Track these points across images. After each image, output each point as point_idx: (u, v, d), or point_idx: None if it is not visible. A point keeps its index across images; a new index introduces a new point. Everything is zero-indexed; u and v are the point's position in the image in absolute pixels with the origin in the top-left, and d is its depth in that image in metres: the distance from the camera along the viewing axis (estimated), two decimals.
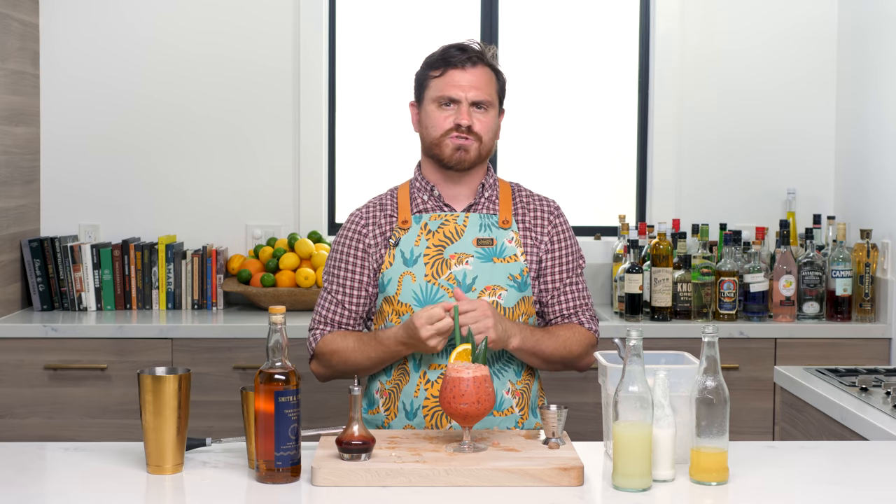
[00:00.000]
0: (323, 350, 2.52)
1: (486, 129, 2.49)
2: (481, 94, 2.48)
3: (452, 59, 2.48)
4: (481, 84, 2.48)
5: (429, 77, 2.51)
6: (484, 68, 2.50)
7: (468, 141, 2.47)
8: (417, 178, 2.58)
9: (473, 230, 2.52)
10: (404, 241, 2.51)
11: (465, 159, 2.49)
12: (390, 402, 2.49)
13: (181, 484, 1.97)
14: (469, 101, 2.47)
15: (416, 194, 2.56)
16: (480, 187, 2.56)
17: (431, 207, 2.55)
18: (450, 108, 2.48)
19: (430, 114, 2.50)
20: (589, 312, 2.59)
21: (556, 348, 2.48)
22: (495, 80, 2.53)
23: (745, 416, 3.68)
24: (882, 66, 3.88)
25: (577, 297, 2.57)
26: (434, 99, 2.49)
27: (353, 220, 2.59)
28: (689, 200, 4.27)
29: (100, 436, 3.61)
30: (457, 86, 2.47)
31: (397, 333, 2.40)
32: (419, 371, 2.46)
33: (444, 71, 2.48)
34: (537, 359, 2.48)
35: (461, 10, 4.37)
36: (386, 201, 2.59)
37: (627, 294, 3.83)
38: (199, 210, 4.21)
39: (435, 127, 2.49)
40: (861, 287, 3.82)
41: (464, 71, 2.47)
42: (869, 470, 2.10)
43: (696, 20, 4.26)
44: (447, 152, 2.48)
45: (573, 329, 2.54)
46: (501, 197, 2.57)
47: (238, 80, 4.20)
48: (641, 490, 1.92)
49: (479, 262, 2.48)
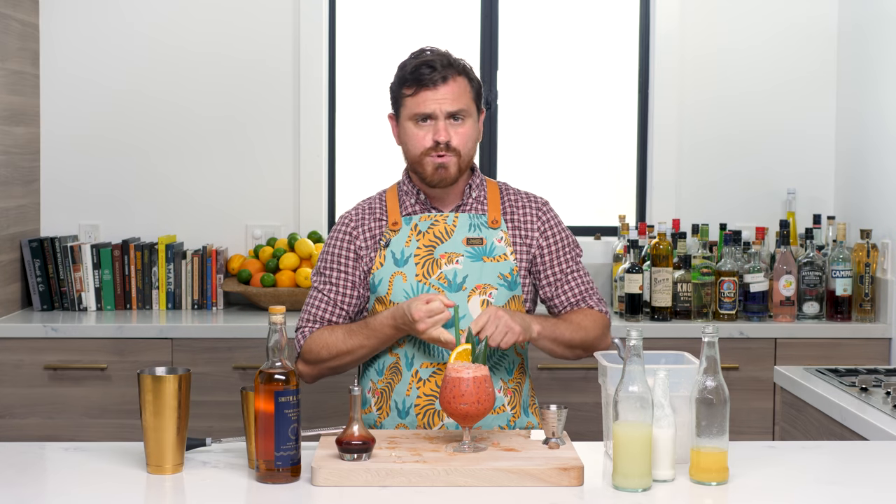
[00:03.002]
0: (311, 345, 2.51)
1: (464, 142, 2.49)
2: (456, 104, 2.47)
3: (423, 77, 2.46)
4: (456, 96, 2.47)
5: (403, 95, 2.51)
6: (455, 80, 2.48)
7: (446, 158, 2.47)
8: (405, 182, 2.60)
9: (463, 230, 2.53)
10: (395, 241, 2.52)
11: (446, 177, 2.50)
12: (382, 401, 2.49)
13: (181, 484, 1.97)
14: (445, 115, 2.47)
15: (403, 198, 2.58)
16: (468, 188, 2.58)
17: (420, 210, 2.56)
18: (427, 124, 2.48)
19: (407, 131, 2.51)
20: (596, 296, 2.60)
21: (574, 331, 2.48)
22: (469, 88, 2.51)
23: (745, 416, 3.68)
24: (882, 66, 3.88)
25: (582, 284, 2.59)
26: (410, 117, 2.49)
27: (343, 221, 2.60)
28: (689, 200, 4.27)
29: (100, 436, 3.61)
30: (430, 101, 2.46)
31: (388, 317, 2.40)
32: (411, 370, 2.47)
33: (416, 90, 2.47)
34: (559, 345, 2.48)
35: (461, 10, 4.37)
36: (375, 204, 2.60)
37: (627, 294, 3.83)
38: (199, 210, 4.21)
39: (414, 145, 2.50)
40: (861, 287, 3.82)
41: (435, 89, 2.46)
42: (869, 470, 2.10)
43: (696, 20, 4.26)
44: (428, 171, 2.49)
45: (584, 312, 2.55)
46: (490, 197, 2.58)
47: (238, 80, 4.20)
48: (641, 490, 1.92)
49: (470, 261, 2.49)
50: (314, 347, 2.51)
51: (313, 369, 2.54)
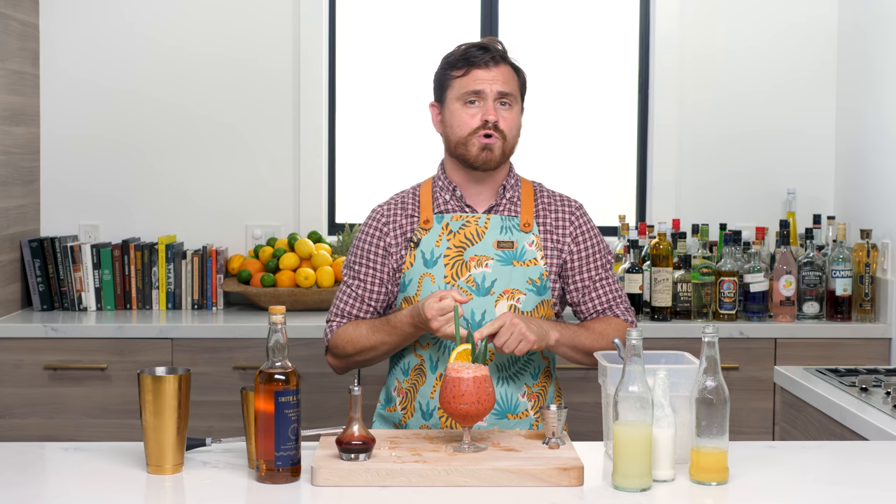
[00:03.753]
0: (337, 340, 2.54)
1: (510, 126, 2.50)
2: (507, 86, 2.49)
3: (475, 58, 2.48)
4: (506, 79, 2.50)
5: (450, 77, 2.50)
6: (506, 66, 2.51)
7: (493, 140, 2.47)
8: (440, 177, 2.58)
9: (494, 232, 2.52)
10: (425, 241, 2.51)
11: (491, 159, 2.49)
12: (407, 401, 2.50)
13: (181, 484, 1.97)
14: (495, 94, 2.47)
15: (437, 193, 2.57)
16: (502, 188, 2.56)
17: (453, 208, 2.55)
18: (475, 106, 2.48)
19: (454, 112, 2.50)
20: (624, 305, 2.59)
21: (595, 340, 2.48)
22: (517, 78, 2.54)
23: (745, 416, 3.68)
24: (882, 66, 3.88)
25: (610, 292, 2.58)
26: (458, 97, 2.49)
27: (374, 216, 2.59)
28: (689, 200, 4.27)
29: (100, 436, 3.61)
30: (482, 80, 2.47)
31: (407, 315, 2.41)
32: (435, 373, 2.47)
33: (467, 70, 2.48)
34: (578, 353, 2.48)
35: (461, 10, 4.37)
36: (408, 199, 2.59)
37: (627, 294, 3.83)
38: (199, 210, 4.21)
39: (461, 126, 2.49)
40: (861, 287, 3.82)
41: (488, 69, 2.48)
42: (869, 470, 2.10)
43: (696, 20, 4.26)
44: (473, 152, 2.48)
45: (608, 321, 2.55)
46: (523, 198, 2.57)
47: (238, 80, 4.20)
48: (641, 490, 1.92)
49: (499, 265, 2.49)
50: (339, 342, 2.54)
51: (341, 362, 2.58)
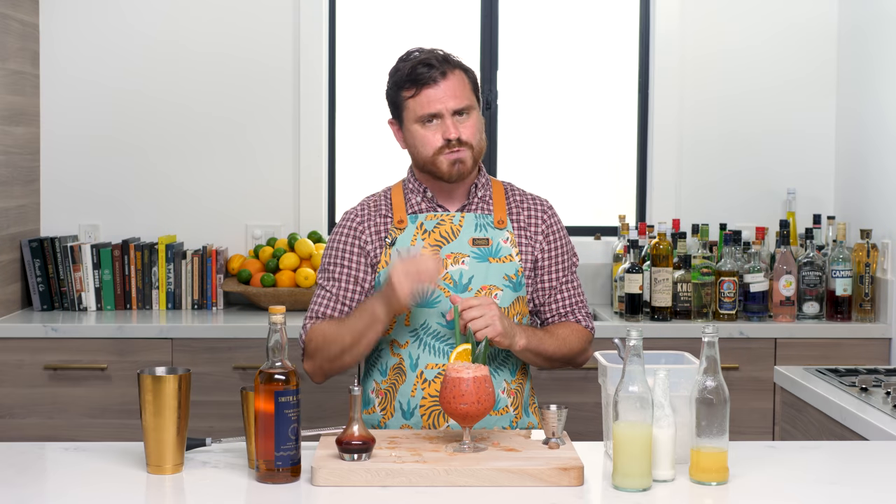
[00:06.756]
0: (311, 338, 2.48)
1: (473, 134, 2.48)
2: (460, 101, 2.47)
3: (422, 76, 2.45)
4: (457, 91, 2.47)
5: (402, 98, 2.49)
6: (454, 73, 2.48)
7: (461, 152, 2.47)
8: (410, 180, 2.58)
9: (469, 230, 2.52)
10: (400, 240, 2.51)
11: (464, 171, 2.49)
12: (386, 401, 2.49)
13: (181, 484, 1.97)
14: (451, 112, 2.46)
15: (409, 195, 2.57)
16: (473, 187, 2.57)
17: (426, 208, 2.55)
18: (433, 124, 2.47)
19: (415, 134, 2.49)
20: (585, 310, 2.61)
21: (558, 347, 2.50)
22: (468, 81, 2.51)
23: (745, 416, 3.68)
24: (882, 66, 3.88)
25: (573, 296, 2.60)
26: (415, 119, 2.48)
27: (348, 217, 2.58)
28: (689, 200, 4.27)
29: (100, 436, 3.61)
30: (434, 101, 2.45)
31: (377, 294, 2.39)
32: (416, 371, 2.46)
33: (417, 91, 2.46)
34: (541, 358, 2.49)
35: (461, 10, 4.37)
36: (380, 201, 2.59)
37: (627, 294, 3.83)
38: (199, 210, 4.21)
39: (425, 146, 2.48)
40: (861, 287, 3.82)
41: (437, 86, 2.45)
42: (869, 470, 2.10)
43: (696, 20, 4.26)
44: (445, 168, 2.48)
45: (570, 327, 2.56)
46: (495, 197, 2.58)
47: (238, 79, 4.20)
48: (641, 490, 1.92)
49: (475, 262, 2.49)
50: (314, 339, 2.48)
51: (314, 363, 2.49)
